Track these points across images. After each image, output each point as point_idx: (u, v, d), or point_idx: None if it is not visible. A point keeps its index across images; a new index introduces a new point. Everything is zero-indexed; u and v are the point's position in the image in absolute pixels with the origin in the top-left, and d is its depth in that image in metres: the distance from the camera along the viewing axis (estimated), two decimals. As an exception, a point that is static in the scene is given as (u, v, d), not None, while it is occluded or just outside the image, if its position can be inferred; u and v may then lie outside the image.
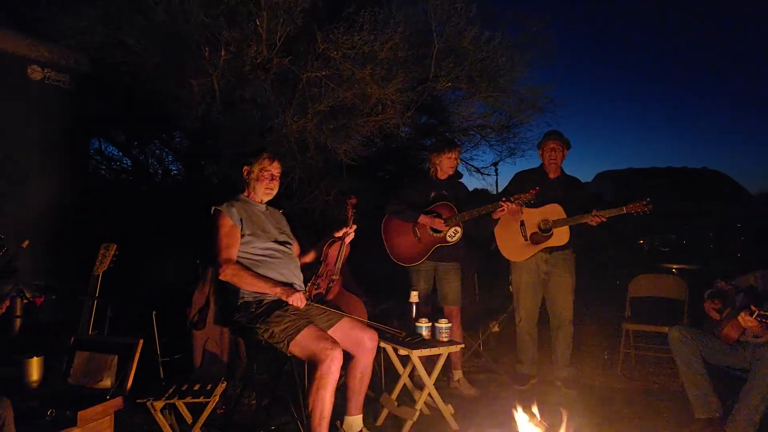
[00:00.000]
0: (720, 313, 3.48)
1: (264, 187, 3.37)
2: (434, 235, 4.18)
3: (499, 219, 4.24)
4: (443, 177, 4.33)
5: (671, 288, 4.91)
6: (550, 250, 4.28)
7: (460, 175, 4.49)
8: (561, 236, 4.17)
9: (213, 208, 3.24)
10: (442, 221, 4.12)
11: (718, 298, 3.54)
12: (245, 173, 3.39)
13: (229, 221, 3.17)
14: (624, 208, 3.95)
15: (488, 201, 4.24)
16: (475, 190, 7.34)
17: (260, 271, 3.16)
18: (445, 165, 4.27)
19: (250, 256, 3.20)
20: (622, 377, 4.60)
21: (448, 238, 4.17)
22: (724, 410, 3.37)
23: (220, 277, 3.10)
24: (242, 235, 3.19)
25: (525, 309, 4.39)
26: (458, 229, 4.17)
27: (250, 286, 3.10)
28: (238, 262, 3.14)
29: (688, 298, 4.70)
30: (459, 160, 4.39)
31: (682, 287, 4.81)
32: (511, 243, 4.38)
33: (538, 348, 4.47)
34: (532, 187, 4.08)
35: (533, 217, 4.24)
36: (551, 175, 4.39)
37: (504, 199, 4.07)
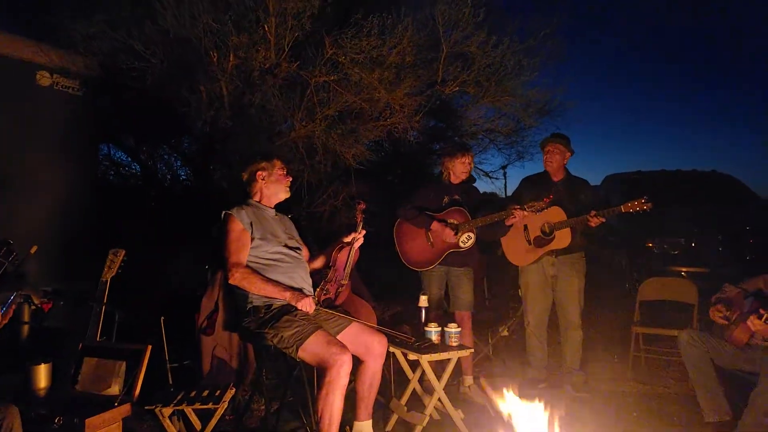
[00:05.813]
0: (727, 320, 3.46)
1: (284, 187, 3.41)
2: (447, 241, 4.16)
3: (512, 225, 4.22)
4: (456, 181, 4.30)
5: (681, 291, 4.89)
6: (557, 253, 4.26)
7: (474, 180, 4.47)
8: (563, 239, 4.16)
9: (223, 212, 3.24)
10: (453, 233, 4.09)
11: (723, 304, 3.52)
12: (259, 177, 3.38)
13: (239, 225, 3.17)
14: (621, 207, 3.92)
15: (497, 204, 4.21)
16: (485, 193, 7.32)
17: (270, 275, 3.15)
18: (458, 169, 4.25)
19: (259, 260, 3.19)
20: (631, 381, 4.56)
21: (461, 244, 4.14)
22: (734, 413, 3.35)
23: (229, 281, 3.10)
24: (252, 239, 3.19)
25: (533, 312, 4.38)
26: (471, 235, 4.15)
27: (259, 290, 3.09)
28: (247, 266, 3.14)
29: (698, 302, 4.66)
30: (473, 165, 4.37)
31: (691, 290, 4.77)
32: (516, 248, 4.38)
33: (549, 353, 4.45)
34: (536, 190, 4.06)
35: (536, 221, 4.22)
36: (554, 178, 4.37)
37: (518, 207, 4.02)
